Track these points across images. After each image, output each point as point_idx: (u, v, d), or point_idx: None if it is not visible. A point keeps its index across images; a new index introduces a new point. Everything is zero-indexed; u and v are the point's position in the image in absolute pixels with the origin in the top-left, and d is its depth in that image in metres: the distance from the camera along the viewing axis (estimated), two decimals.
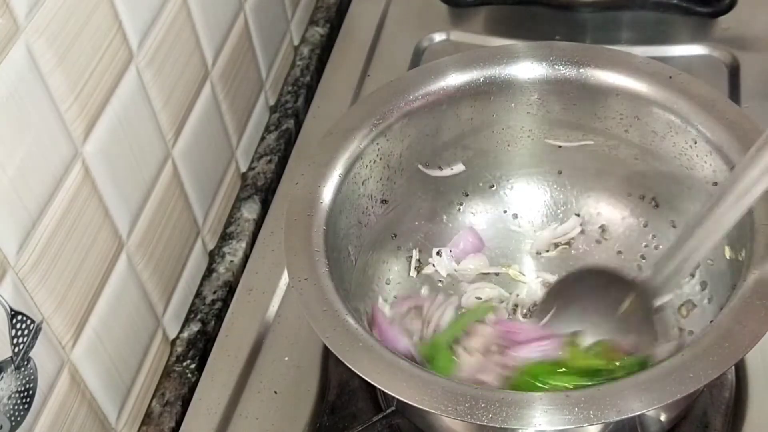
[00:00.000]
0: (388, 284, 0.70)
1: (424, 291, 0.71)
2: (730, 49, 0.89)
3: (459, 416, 0.51)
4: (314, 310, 0.56)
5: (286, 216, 0.62)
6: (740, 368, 0.67)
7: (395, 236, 0.71)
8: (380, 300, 0.69)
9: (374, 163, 0.67)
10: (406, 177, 0.70)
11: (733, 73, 0.87)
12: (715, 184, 0.63)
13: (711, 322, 0.55)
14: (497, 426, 0.51)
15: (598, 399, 0.51)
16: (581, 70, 0.67)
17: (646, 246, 0.71)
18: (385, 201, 0.69)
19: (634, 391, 0.51)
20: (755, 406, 0.65)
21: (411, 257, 0.72)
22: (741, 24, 0.91)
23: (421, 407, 0.51)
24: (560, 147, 0.71)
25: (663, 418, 0.60)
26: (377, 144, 0.67)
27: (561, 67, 0.68)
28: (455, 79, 0.68)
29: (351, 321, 0.56)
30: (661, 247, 0.70)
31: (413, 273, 0.72)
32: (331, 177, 0.64)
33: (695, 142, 0.64)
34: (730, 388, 0.65)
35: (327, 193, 0.63)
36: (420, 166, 0.70)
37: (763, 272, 0.55)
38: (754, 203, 0.56)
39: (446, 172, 0.72)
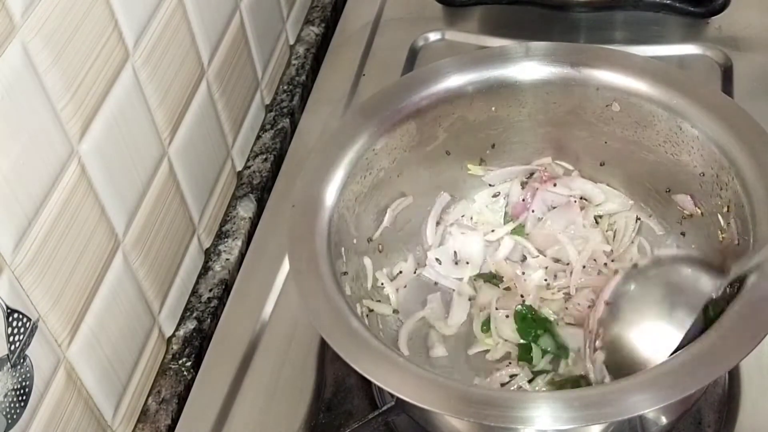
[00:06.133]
0: (392, 280, 0.71)
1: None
2: (723, 48, 0.89)
3: (458, 414, 0.51)
4: (314, 309, 0.57)
5: (289, 217, 0.62)
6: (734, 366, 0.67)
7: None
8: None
9: (375, 163, 0.67)
10: (406, 177, 0.70)
11: (726, 72, 0.88)
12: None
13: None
14: (496, 424, 0.51)
15: (600, 399, 0.51)
16: (579, 69, 0.68)
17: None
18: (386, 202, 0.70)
19: (639, 391, 0.51)
20: (748, 403, 0.65)
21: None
22: (734, 24, 0.92)
23: (420, 405, 0.52)
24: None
25: (664, 416, 0.60)
26: (379, 145, 0.67)
27: (559, 68, 0.68)
28: (455, 80, 0.69)
29: (352, 320, 0.56)
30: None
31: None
32: (334, 179, 0.64)
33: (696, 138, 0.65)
34: (723, 385, 0.66)
35: (330, 195, 0.63)
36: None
37: (763, 273, 0.55)
38: None
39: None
